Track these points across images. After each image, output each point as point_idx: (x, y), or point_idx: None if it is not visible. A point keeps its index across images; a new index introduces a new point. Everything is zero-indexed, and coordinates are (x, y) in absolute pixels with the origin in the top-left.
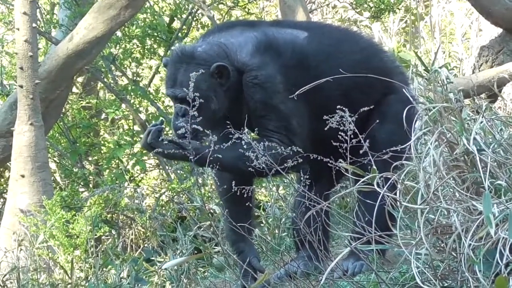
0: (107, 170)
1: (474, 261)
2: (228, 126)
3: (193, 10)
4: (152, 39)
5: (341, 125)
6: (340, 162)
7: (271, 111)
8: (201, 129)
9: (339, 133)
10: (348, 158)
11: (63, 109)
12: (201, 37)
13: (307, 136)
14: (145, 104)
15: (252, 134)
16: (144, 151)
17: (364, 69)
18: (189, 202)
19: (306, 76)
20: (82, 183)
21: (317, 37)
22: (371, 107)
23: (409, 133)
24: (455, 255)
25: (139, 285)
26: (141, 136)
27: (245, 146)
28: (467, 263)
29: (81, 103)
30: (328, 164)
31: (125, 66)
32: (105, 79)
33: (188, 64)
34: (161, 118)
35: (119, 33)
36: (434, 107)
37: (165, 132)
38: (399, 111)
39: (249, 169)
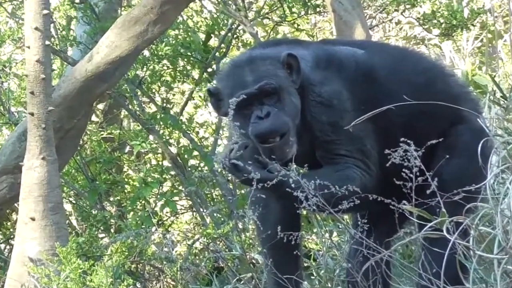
0: (132, 213)
1: None
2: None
3: (233, 26)
4: (185, 59)
5: (405, 160)
6: (404, 203)
7: (341, 133)
8: (291, 138)
9: (403, 169)
10: (413, 199)
11: (81, 141)
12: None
13: None
14: (176, 136)
15: (302, 170)
16: (175, 191)
17: (428, 94)
18: (227, 250)
19: (374, 91)
20: (102, 228)
21: (377, 54)
22: (439, 140)
23: (484, 169)
24: None
25: None
26: (172, 172)
27: (293, 185)
28: None
29: (102, 134)
30: (390, 206)
31: (153, 90)
32: (130, 106)
33: (252, 63)
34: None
35: (146, 53)
36: None
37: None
38: (469, 143)
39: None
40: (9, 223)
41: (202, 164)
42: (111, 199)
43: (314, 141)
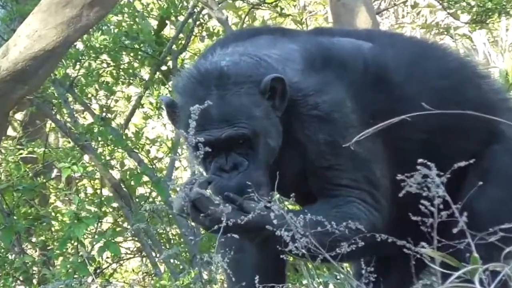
0: (60, 258)
1: None
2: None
3: (195, 10)
4: (131, 54)
5: (425, 189)
6: (422, 246)
7: (343, 157)
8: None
9: (421, 201)
10: (435, 241)
11: None
12: (206, 52)
13: None
14: (120, 155)
15: (286, 202)
16: (118, 229)
17: (455, 102)
18: None
19: (387, 100)
20: (21, 277)
21: (389, 49)
22: (470, 162)
23: None
24: None
25: None
26: (114, 204)
27: (275, 222)
28: None
29: (21, 153)
30: (404, 249)
31: (89, 95)
32: (58, 116)
33: (222, 85)
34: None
35: (80, 45)
36: None
37: None
38: (508, 167)
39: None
40: None
41: (154, 194)
42: (34, 239)
43: (307, 165)
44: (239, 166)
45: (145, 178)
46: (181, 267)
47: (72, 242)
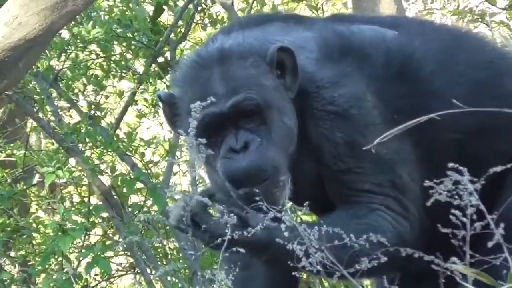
0: (43, 275)
1: None
2: None
3: None
4: (124, 43)
5: (456, 197)
6: (453, 262)
7: (364, 158)
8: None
9: (452, 211)
10: (468, 256)
11: None
12: (208, 40)
13: None
14: (111, 159)
15: (300, 212)
16: (108, 242)
17: (490, 98)
18: None
19: (414, 94)
20: None
21: (417, 37)
22: (508, 166)
23: None
24: None
25: None
26: (104, 214)
27: (286, 233)
28: None
29: None
30: (433, 265)
31: (76, 90)
32: (41, 114)
33: (225, 62)
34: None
35: (66, 34)
36: None
37: None
38: None
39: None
40: None
41: (149, 202)
42: (12, 254)
43: (322, 169)
44: (251, 144)
45: (139, 185)
46: (179, 285)
47: (56, 257)
